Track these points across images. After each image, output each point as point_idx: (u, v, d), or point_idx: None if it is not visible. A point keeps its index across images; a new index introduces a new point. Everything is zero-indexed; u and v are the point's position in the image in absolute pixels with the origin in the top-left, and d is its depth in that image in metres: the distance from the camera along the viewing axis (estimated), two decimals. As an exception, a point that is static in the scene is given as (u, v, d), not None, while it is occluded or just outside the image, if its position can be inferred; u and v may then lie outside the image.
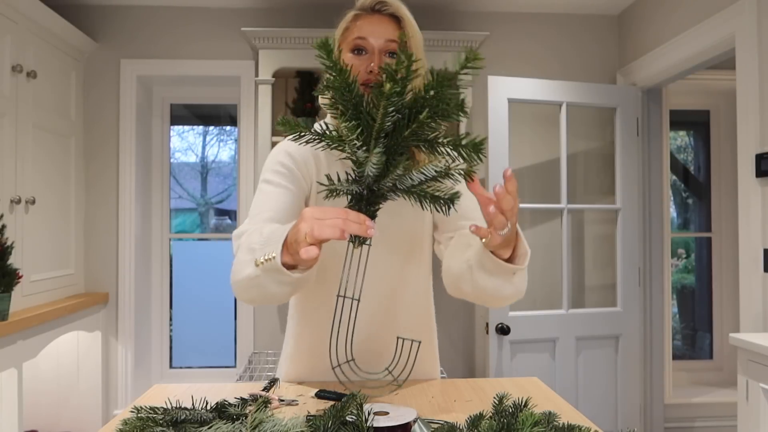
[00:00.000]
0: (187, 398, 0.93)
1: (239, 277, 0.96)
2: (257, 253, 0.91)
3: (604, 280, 3.02)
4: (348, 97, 0.82)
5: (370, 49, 1.13)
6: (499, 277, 1.00)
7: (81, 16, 2.91)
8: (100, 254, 2.94)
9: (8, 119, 2.24)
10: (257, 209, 1.11)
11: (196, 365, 3.32)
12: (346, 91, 0.83)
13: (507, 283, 1.02)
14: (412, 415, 0.86)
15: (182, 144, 3.83)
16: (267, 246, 0.90)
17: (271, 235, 0.92)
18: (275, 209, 1.10)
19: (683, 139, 3.90)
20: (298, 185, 1.15)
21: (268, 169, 1.16)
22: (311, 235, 0.80)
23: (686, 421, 3.11)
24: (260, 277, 0.91)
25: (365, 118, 0.81)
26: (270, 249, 0.88)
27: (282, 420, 0.79)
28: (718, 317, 3.53)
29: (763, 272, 2.01)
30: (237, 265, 0.98)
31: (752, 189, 2.06)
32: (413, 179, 0.82)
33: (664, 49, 2.61)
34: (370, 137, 0.81)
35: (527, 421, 0.73)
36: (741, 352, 1.76)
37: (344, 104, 0.83)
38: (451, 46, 2.80)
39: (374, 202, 0.85)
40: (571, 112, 2.77)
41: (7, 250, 2.05)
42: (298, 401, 1.09)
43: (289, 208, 1.11)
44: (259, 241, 0.93)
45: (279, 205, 1.11)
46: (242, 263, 0.95)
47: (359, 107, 0.82)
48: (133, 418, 0.81)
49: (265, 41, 2.74)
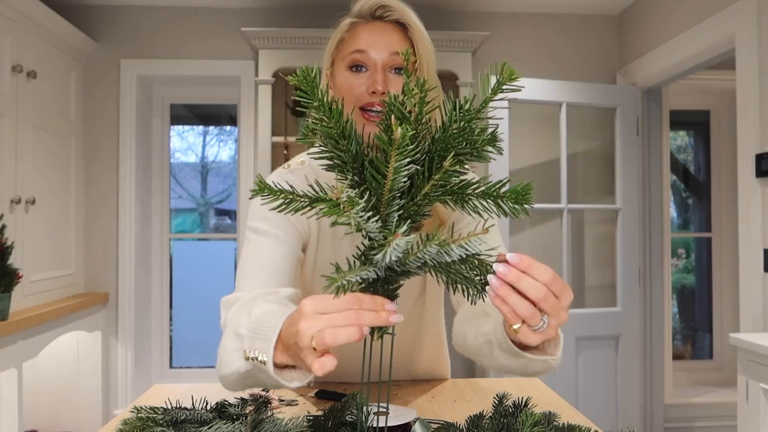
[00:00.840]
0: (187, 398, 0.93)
1: (228, 371, 0.78)
2: (245, 342, 0.72)
3: (604, 280, 3.02)
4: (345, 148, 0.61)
5: (372, 64, 0.93)
6: (524, 359, 0.76)
7: (81, 16, 2.91)
8: (100, 254, 2.94)
9: (8, 119, 2.24)
10: (247, 267, 0.94)
11: (196, 365, 3.32)
12: (342, 138, 0.61)
13: (538, 361, 0.77)
14: (412, 415, 0.85)
15: (182, 144, 3.83)
16: (255, 338, 0.70)
17: (261, 324, 0.71)
18: (268, 266, 0.93)
19: (683, 139, 3.90)
20: (291, 231, 0.97)
21: (255, 214, 0.97)
22: (322, 344, 0.58)
23: (686, 421, 3.11)
24: (253, 372, 0.72)
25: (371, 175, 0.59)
26: (259, 345, 0.69)
27: (282, 420, 0.79)
28: (718, 317, 3.53)
29: (763, 272, 2.01)
30: (223, 354, 0.80)
31: (752, 189, 2.05)
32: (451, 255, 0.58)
33: (664, 49, 2.61)
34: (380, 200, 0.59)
35: (527, 421, 0.73)
36: (741, 352, 1.76)
37: (340, 158, 0.61)
38: (452, 46, 2.80)
39: (394, 280, 0.63)
40: (571, 112, 2.77)
41: (7, 250, 2.05)
42: (298, 401, 1.09)
43: (284, 262, 0.94)
44: (247, 325, 0.74)
45: (272, 261, 0.93)
46: (229, 353, 0.78)
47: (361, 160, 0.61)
48: (133, 418, 0.81)
49: (265, 41, 2.74)
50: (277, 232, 0.96)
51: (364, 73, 0.94)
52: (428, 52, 0.95)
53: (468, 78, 2.82)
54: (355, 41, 0.94)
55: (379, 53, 0.93)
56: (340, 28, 0.98)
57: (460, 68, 2.81)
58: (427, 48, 0.95)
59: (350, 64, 0.94)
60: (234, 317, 0.82)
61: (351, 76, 0.94)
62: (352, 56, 0.93)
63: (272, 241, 0.95)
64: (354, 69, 0.94)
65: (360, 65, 0.94)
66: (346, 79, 0.94)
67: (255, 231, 0.97)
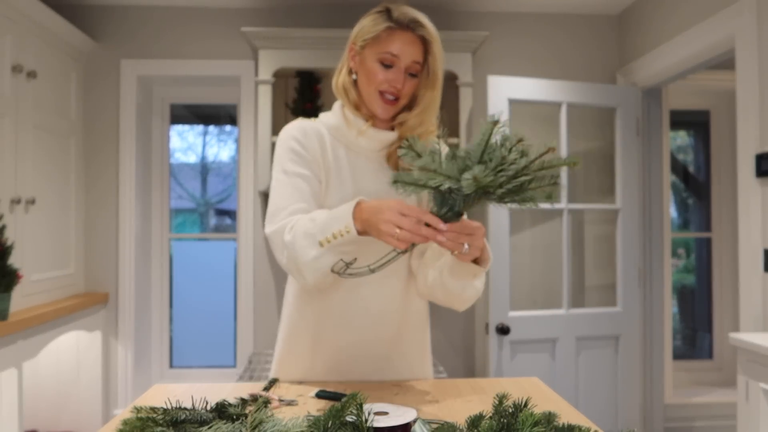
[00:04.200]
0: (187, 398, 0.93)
1: (305, 260, 1.07)
2: (317, 237, 1.05)
3: (604, 280, 3.02)
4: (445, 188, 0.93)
5: (398, 65, 1.19)
6: (463, 280, 1.15)
7: (81, 16, 2.91)
8: (100, 254, 2.94)
9: (8, 119, 2.24)
10: (283, 201, 1.17)
11: (196, 365, 3.32)
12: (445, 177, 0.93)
13: (469, 285, 1.17)
14: (412, 415, 0.86)
15: (182, 144, 3.83)
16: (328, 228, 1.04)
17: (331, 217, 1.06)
18: (302, 198, 1.17)
19: (683, 139, 3.90)
20: (311, 168, 1.21)
21: (282, 158, 1.22)
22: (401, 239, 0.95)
23: (686, 421, 3.11)
24: (324, 256, 1.06)
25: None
26: (336, 226, 1.03)
27: (282, 420, 0.79)
28: (718, 317, 3.53)
29: (763, 272, 2.01)
30: (300, 249, 1.07)
31: (752, 189, 2.06)
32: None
33: (664, 49, 2.61)
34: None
35: (527, 421, 0.73)
36: (741, 352, 1.76)
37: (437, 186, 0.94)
38: (452, 46, 2.80)
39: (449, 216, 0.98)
40: (571, 112, 2.77)
41: (7, 250, 2.05)
42: (297, 401, 1.09)
43: (312, 194, 1.20)
44: (314, 226, 1.07)
45: (303, 194, 1.18)
46: (304, 248, 1.07)
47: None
48: (133, 418, 0.81)
49: (265, 41, 2.74)
50: (302, 170, 1.20)
51: (390, 69, 1.19)
52: (441, 63, 1.22)
53: (468, 78, 2.82)
54: (390, 44, 1.18)
55: (405, 60, 1.19)
56: (379, 25, 1.19)
57: (460, 68, 2.81)
58: (441, 59, 1.21)
59: (382, 61, 1.19)
60: (300, 227, 1.09)
61: (380, 68, 1.19)
62: (385, 56, 1.18)
63: (299, 180, 1.19)
64: (383, 64, 1.19)
65: (390, 64, 1.19)
66: (375, 68, 1.19)
67: (284, 172, 1.20)
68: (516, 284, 2.72)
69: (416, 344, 1.32)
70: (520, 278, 2.91)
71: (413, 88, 1.22)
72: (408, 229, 0.95)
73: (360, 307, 1.23)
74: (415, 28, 1.18)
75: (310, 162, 1.21)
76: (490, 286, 2.55)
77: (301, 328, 1.27)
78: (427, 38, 1.19)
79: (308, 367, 1.27)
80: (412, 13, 1.19)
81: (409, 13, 1.19)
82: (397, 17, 1.18)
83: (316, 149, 1.22)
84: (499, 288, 2.56)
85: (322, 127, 1.26)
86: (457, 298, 1.20)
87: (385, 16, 1.19)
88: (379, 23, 1.19)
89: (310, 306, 1.26)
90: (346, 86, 1.25)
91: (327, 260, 1.06)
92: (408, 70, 1.19)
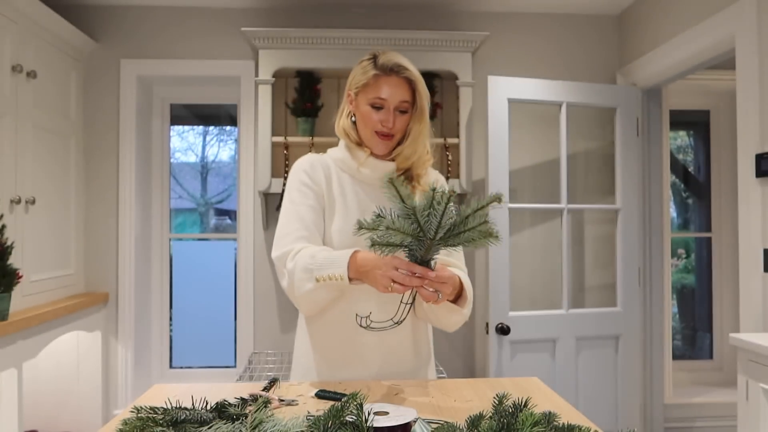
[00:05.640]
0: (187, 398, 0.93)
1: (301, 292, 1.25)
2: (314, 273, 1.22)
3: (604, 280, 3.02)
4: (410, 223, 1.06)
5: (387, 107, 1.34)
6: (451, 312, 1.29)
7: (81, 16, 2.91)
8: (100, 254, 2.94)
9: (8, 119, 2.24)
10: (289, 227, 1.33)
11: (196, 365, 3.32)
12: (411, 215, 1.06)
13: (456, 313, 1.29)
14: (412, 415, 0.86)
15: (182, 144, 3.83)
16: (325, 268, 1.21)
17: (330, 258, 1.22)
18: (305, 227, 1.33)
19: (683, 139, 3.90)
20: (317, 200, 1.38)
21: (291, 189, 1.39)
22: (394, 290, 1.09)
23: (686, 421, 3.11)
24: (317, 290, 1.23)
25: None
26: (331, 270, 1.20)
27: (282, 420, 0.79)
28: (718, 317, 3.53)
29: (763, 272, 2.01)
30: (298, 282, 1.25)
31: (752, 189, 2.05)
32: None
33: (664, 49, 2.61)
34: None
35: (527, 421, 0.73)
36: (741, 352, 1.76)
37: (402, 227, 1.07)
38: (451, 46, 2.80)
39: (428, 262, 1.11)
40: (571, 112, 2.77)
41: (7, 250, 2.05)
42: (298, 401, 1.09)
43: (314, 222, 1.36)
44: (314, 264, 1.22)
45: (305, 223, 1.34)
46: (302, 281, 1.24)
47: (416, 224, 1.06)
48: (133, 418, 0.81)
49: (265, 41, 2.74)
50: (308, 201, 1.36)
51: (381, 110, 1.35)
52: (426, 99, 1.36)
53: (468, 78, 2.82)
54: (378, 90, 1.34)
55: (393, 101, 1.34)
56: (367, 74, 1.35)
57: (460, 68, 2.81)
58: (425, 96, 1.36)
59: (372, 104, 1.35)
60: (301, 261, 1.25)
61: (372, 111, 1.35)
62: (375, 100, 1.34)
63: (304, 208, 1.35)
64: (374, 107, 1.35)
65: (379, 106, 1.35)
66: (368, 112, 1.36)
67: (292, 201, 1.37)
68: (516, 284, 2.72)
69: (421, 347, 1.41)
70: (520, 278, 2.91)
71: (405, 123, 1.36)
72: (401, 282, 1.08)
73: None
74: (400, 72, 1.33)
75: (316, 192, 1.38)
76: (490, 286, 2.56)
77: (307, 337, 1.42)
78: (411, 79, 1.34)
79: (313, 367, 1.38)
80: (395, 59, 1.34)
81: (392, 58, 1.34)
82: (382, 64, 1.33)
83: (322, 180, 1.39)
84: (499, 288, 2.56)
85: (329, 159, 1.43)
86: (444, 325, 1.34)
87: (372, 64, 1.35)
88: (367, 71, 1.34)
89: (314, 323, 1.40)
90: (346, 129, 1.41)
91: (320, 294, 1.24)
92: (398, 109, 1.34)
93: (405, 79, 1.34)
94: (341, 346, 1.35)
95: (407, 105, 1.35)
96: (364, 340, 1.32)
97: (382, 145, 1.37)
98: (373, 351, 1.34)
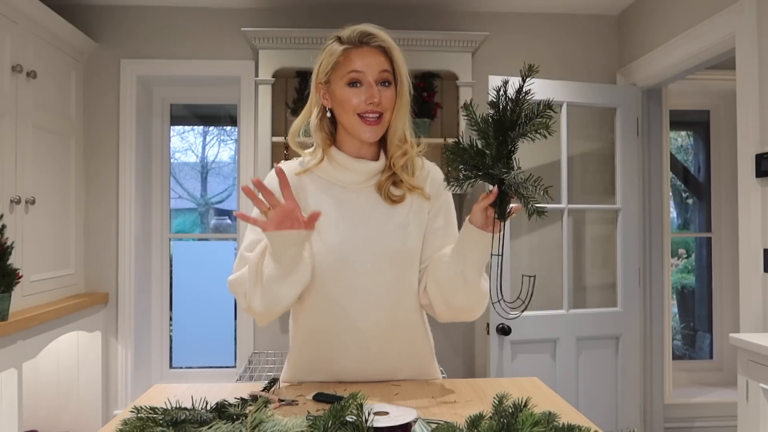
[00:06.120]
0: (187, 398, 0.93)
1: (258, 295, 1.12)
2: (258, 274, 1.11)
3: (604, 280, 3.02)
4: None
5: (366, 81, 1.16)
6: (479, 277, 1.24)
7: (81, 16, 2.91)
8: (100, 254, 2.94)
9: (8, 119, 2.24)
10: (246, 251, 1.19)
11: (196, 365, 3.32)
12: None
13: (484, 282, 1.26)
14: (412, 415, 0.86)
15: (182, 144, 3.83)
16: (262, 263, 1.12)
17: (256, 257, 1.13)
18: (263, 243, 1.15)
19: (683, 139, 3.90)
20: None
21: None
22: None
23: (686, 421, 3.11)
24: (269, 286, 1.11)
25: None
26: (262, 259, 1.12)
27: (282, 420, 0.79)
28: (718, 317, 3.53)
29: (763, 272, 2.01)
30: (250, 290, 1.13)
31: (752, 189, 2.05)
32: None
33: (664, 49, 2.61)
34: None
35: (527, 421, 0.73)
36: (741, 352, 1.76)
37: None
38: (451, 46, 2.80)
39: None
40: (572, 112, 2.77)
41: (7, 250, 2.05)
42: (297, 401, 1.09)
43: None
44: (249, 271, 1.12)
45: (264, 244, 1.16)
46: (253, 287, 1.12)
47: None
48: (133, 418, 0.81)
49: (265, 41, 2.74)
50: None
51: (360, 88, 1.16)
52: (404, 65, 1.20)
53: (468, 78, 2.82)
54: (350, 63, 1.16)
55: (372, 72, 1.16)
56: (334, 53, 1.18)
57: (460, 68, 2.81)
58: (403, 62, 1.20)
59: (349, 82, 1.16)
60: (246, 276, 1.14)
61: (349, 91, 1.16)
62: (351, 75, 1.16)
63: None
64: (351, 85, 1.16)
65: (356, 82, 1.16)
66: (345, 94, 1.17)
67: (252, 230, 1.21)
68: (516, 284, 2.72)
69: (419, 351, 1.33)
70: (520, 278, 2.90)
71: (392, 98, 1.18)
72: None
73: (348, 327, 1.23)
74: (369, 41, 1.17)
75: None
76: (490, 287, 2.55)
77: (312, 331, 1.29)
78: (384, 47, 1.17)
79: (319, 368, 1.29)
80: (360, 28, 1.17)
81: (357, 28, 1.17)
82: (348, 37, 1.17)
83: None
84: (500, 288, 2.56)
85: (302, 171, 1.24)
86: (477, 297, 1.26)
87: (337, 43, 1.19)
88: (334, 50, 1.18)
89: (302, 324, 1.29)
90: (324, 127, 1.23)
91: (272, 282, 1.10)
92: (378, 81, 1.16)
93: (378, 48, 1.17)
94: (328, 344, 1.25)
95: (389, 75, 1.17)
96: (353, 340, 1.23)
97: (372, 130, 1.16)
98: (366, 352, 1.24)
